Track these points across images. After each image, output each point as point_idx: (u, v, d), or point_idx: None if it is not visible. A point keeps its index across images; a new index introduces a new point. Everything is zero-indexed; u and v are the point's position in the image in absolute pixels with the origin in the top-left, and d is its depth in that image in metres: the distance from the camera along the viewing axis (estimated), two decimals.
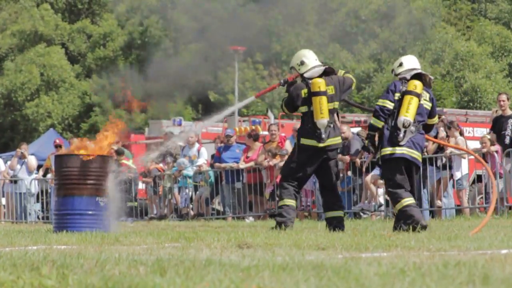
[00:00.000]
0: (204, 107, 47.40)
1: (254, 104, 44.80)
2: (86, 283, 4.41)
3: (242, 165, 18.92)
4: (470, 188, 17.90)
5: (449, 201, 16.61)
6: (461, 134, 17.12)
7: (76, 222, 10.87)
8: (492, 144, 16.34)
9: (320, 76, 10.85)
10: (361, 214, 17.06)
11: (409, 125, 10.17)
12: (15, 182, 21.70)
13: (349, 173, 17.59)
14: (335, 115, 10.96)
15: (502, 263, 5.11)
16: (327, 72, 10.98)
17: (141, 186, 22.23)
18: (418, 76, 10.48)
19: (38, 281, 4.51)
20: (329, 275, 4.54)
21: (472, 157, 17.30)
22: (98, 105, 49.36)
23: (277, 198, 18.58)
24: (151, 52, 48.30)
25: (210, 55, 47.12)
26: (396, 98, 10.30)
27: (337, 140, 10.89)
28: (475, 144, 17.87)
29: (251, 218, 18.57)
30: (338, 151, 11.99)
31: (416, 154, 10.28)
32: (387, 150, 10.29)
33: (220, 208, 20.10)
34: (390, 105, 10.31)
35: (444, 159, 16.31)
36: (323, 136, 10.68)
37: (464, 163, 16.76)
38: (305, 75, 10.86)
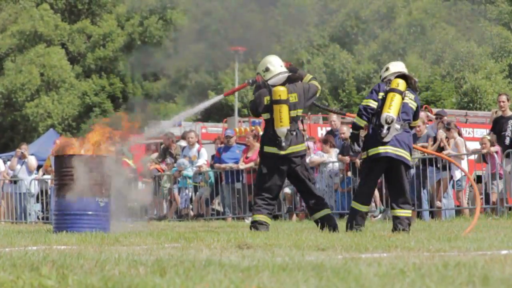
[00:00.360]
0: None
1: None
2: (86, 283, 4.42)
3: (242, 165, 18.93)
4: (470, 188, 17.88)
5: (449, 201, 16.60)
6: (460, 134, 17.11)
7: (76, 222, 10.87)
8: (492, 145, 16.34)
9: (284, 83, 10.86)
10: None
11: (391, 121, 10.20)
12: (15, 182, 21.70)
13: (349, 173, 17.59)
14: (299, 122, 11.00)
15: (502, 263, 5.11)
16: (292, 79, 11.00)
17: (140, 186, 22.21)
18: (403, 78, 10.53)
19: (38, 281, 4.51)
20: (329, 275, 4.54)
21: (471, 157, 17.32)
22: (98, 105, 49.35)
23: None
24: (151, 52, 48.32)
25: (210, 56, 47.21)
26: (380, 97, 10.40)
27: (300, 147, 10.87)
28: (475, 145, 17.87)
29: (251, 219, 18.56)
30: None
31: (402, 152, 10.29)
32: (372, 151, 10.35)
33: (220, 208, 20.10)
34: (373, 104, 10.41)
35: (443, 160, 16.29)
36: (283, 144, 10.69)
37: (464, 163, 16.75)
38: (269, 82, 10.86)
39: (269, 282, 4.34)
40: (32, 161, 22.00)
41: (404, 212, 10.29)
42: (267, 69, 10.95)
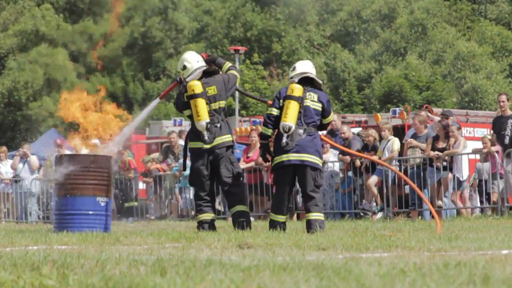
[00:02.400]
0: None
1: (254, 105, 44.82)
2: (86, 283, 4.42)
3: (242, 165, 18.91)
4: (469, 188, 17.88)
5: (450, 201, 16.59)
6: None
7: (76, 222, 10.87)
8: (493, 144, 16.33)
9: (202, 77, 10.88)
10: (362, 214, 17.07)
11: (289, 130, 10.29)
12: (16, 182, 21.70)
13: (350, 173, 17.59)
14: (223, 114, 11.00)
15: (503, 263, 5.11)
16: (211, 72, 11.01)
17: (141, 186, 22.23)
18: (308, 80, 10.55)
19: (39, 281, 4.51)
20: (330, 275, 4.54)
21: (471, 157, 17.31)
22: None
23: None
24: (153, 52, 48.26)
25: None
26: (281, 104, 10.47)
27: (225, 138, 10.92)
28: (475, 145, 17.86)
29: (251, 218, 18.56)
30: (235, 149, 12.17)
31: (306, 157, 10.35)
32: (276, 159, 10.50)
33: (221, 208, 20.10)
34: (275, 112, 10.52)
35: (445, 162, 16.24)
36: (206, 138, 10.74)
37: (464, 162, 16.71)
38: (187, 79, 10.90)
39: (269, 282, 4.34)
40: (34, 160, 22.01)
41: (312, 215, 10.34)
42: (184, 67, 11.02)
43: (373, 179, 16.88)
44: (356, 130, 19.52)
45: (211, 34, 48.55)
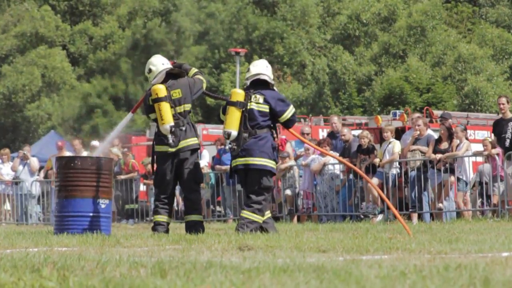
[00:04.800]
0: (204, 111, 47.48)
1: None
2: (87, 285, 4.42)
3: None
4: (471, 190, 17.89)
5: (450, 203, 16.59)
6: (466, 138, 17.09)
7: (77, 224, 10.87)
8: (494, 147, 16.34)
9: (167, 80, 10.86)
10: (362, 216, 17.07)
11: (229, 136, 10.42)
12: (17, 183, 21.70)
13: (350, 175, 17.58)
14: (188, 117, 10.97)
15: (503, 266, 5.10)
16: (176, 74, 11.00)
17: (142, 188, 22.23)
18: (263, 82, 10.60)
19: (39, 283, 4.51)
20: (330, 277, 4.54)
21: (473, 159, 17.31)
22: (99, 106, 49.31)
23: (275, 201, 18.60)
24: (154, 54, 48.11)
25: (211, 58, 47.16)
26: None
27: (191, 141, 10.89)
28: (476, 147, 17.87)
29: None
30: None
31: (251, 160, 10.45)
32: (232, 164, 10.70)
33: (221, 210, 20.11)
34: (222, 115, 10.81)
35: (447, 164, 16.24)
36: (170, 141, 10.71)
37: (466, 165, 16.72)
38: (152, 82, 10.89)
39: (270, 284, 4.34)
40: (35, 162, 22.02)
41: (244, 213, 10.47)
42: (150, 71, 11.01)
43: (374, 182, 16.87)
44: (357, 132, 19.54)
45: (213, 37, 48.57)
